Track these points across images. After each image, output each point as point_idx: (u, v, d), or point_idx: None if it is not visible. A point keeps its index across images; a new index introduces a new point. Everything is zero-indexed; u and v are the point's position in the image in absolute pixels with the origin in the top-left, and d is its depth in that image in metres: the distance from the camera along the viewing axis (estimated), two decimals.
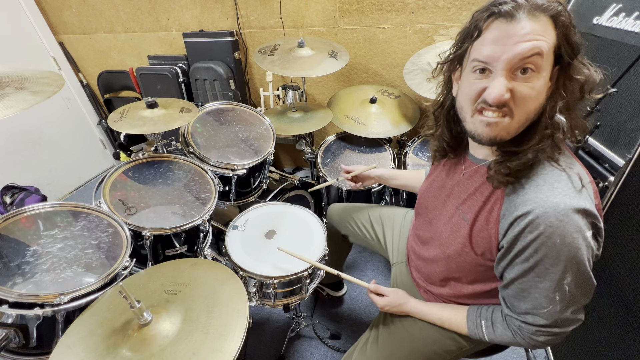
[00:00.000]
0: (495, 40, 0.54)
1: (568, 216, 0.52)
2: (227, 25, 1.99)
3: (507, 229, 0.59)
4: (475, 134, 0.61)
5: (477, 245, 0.67)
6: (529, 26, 0.52)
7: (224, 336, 0.67)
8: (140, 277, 0.85)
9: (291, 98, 1.76)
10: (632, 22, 0.87)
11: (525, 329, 0.63)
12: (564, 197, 0.53)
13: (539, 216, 0.54)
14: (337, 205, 1.28)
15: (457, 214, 0.71)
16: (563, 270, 0.55)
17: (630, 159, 0.77)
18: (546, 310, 0.59)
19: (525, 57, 0.52)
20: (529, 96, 0.55)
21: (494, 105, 0.55)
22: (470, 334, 0.74)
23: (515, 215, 0.57)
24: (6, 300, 0.75)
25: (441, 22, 1.59)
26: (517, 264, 0.59)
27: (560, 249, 0.53)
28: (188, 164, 1.26)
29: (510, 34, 0.53)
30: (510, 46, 0.52)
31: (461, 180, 0.73)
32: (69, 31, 2.39)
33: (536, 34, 0.52)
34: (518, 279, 0.61)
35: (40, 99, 0.85)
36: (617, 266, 0.83)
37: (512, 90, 0.54)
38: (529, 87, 0.54)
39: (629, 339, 0.82)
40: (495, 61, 0.54)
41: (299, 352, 1.37)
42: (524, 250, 0.57)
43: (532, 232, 0.55)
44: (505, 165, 0.59)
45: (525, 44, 0.52)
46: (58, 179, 2.44)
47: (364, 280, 0.91)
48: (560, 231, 0.53)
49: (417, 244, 0.90)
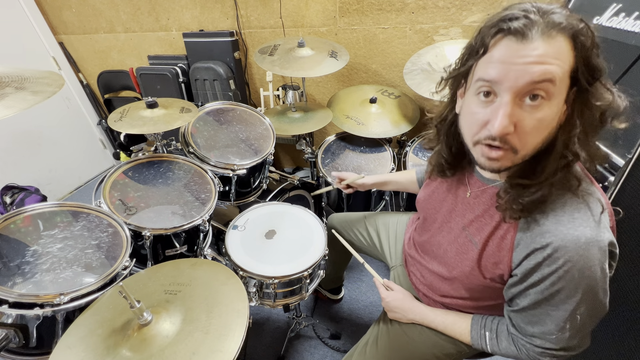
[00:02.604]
0: (503, 59, 0.49)
1: (589, 250, 0.50)
2: (227, 25, 1.99)
3: (523, 259, 0.56)
4: (478, 163, 0.58)
5: (486, 270, 0.64)
6: (541, 47, 0.46)
7: (224, 336, 0.67)
8: (140, 277, 0.85)
9: (291, 98, 1.76)
10: (632, 22, 0.87)
11: (530, 349, 0.62)
12: (585, 229, 0.51)
13: (558, 249, 0.51)
14: (336, 216, 1.28)
15: (464, 235, 0.68)
16: (578, 301, 0.54)
17: (630, 159, 0.77)
18: (554, 337, 0.58)
19: (534, 82, 0.47)
20: (535, 129, 0.50)
21: (498, 138, 0.51)
22: (472, 344, 0.72)
23: (532, 247, 0.54)
24: (6, 300, 0.75)
25: (441, 22, 1.59)
26: (531, 294, 0.57)
27: (578, 282, 0.52)
28: (188, 164, 1.26)
29: (520, 54, 0.47)
30: (519, 68, 0.47)
31: (467, 199, 0.70)
32: (69, 31, 2.39)
33: (549, 57, 0.46)
34: (531, 308, 0.59)
35: (40, 99, 0.85)
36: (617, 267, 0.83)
37: (517, 124, 0.49)
38: (537, 119, 0.49)
39: (628, 338, 0.82)
40: (501, 84, 0.49)
41: (299, 352, 1.37)
42: (540, 282, 0.55)
43: (551, 266, 0.53)
44: (517, 201, 0.55)
45: (536, 68, 0.46)
46: (58, 179, 2.44)
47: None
48: (580, 265, 0.51)
49: (418, 252, 0.89)
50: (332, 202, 1.60)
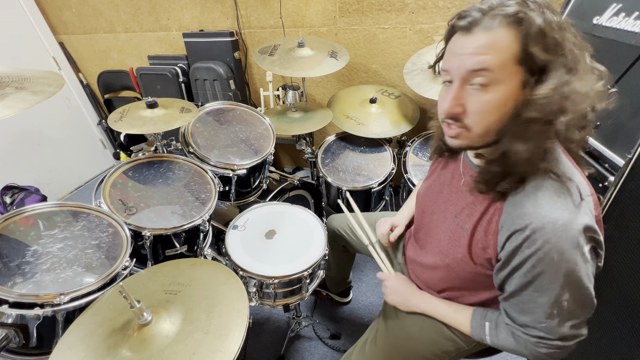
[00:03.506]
0: (452, 51, 0.57)
1: (566, 232, 0.52)
2: (227, 25, 1.99)
3: (505, 241, 0.58)
4: (448, 142, 0.64)
5: (476, 256, 0.66)
6: (480, 40, 0.52)
7: (224, 336, 0.67)
8: (140, 277, 0.85)
9: (291, 98, 1.76)
10: (632, 22, 0.87)
11: (526, 339, 0.63)
12: (563, 212, 0.53)
13: (536, 231, 0.53)
14: (336, 216, 1.28)
15: (456, 222, 0.70)
16: (561, 286, 0.55)
17: (630, 159, 0.77)
18: (544, 325, 0.59)
19: (473, 71, 0.53)
20: (482, 110, 0.55)
21: (447, 118, 0.58)
22: (472, 335, 0.73)
23: (512, 229, 0.56)
24: (6, 300, 0.75)
25: (441, 22, 1.59)
26: (515, 278, 0.59)
27: (558, 264, 0.53)
28: (188, 164, 1.26)
29: (463, 46, 0.54)
30: (460, 58, 0.55)
31: (460, 187, 0.73)
32: (69, 31, 2.39)
33: (485, 48, 0.52)
34: (517, 293, 0.60)
35: (40, 99, 0.85)
36: (617, 266, 0.83)
37: (465, 105, 0.56)
38: (482, 101, 0.54)
39: (628, 338, 0.82)
40: (450, 72, 0.57)
41: (299, 352, 1.37)
42: (521, 264, 0.57)
43: (530, 247, 0.54)
44: (480, 176, 0.61)
45: (471, 59, 0.53)
46: (58, 179, 2.44)
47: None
48: (559, 247, 0.52)
49: (416, 248, 0.89)
50: (332, 202, 1.60)
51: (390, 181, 1.50)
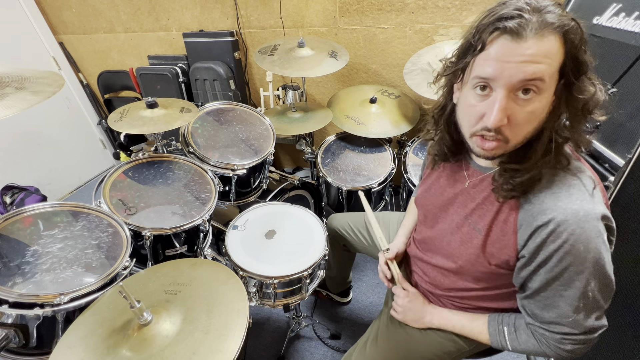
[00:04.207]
0: (498, 57, 0.52)
1: (589, 222, 0.52)
2: (227, 25, 1.99)
3: (528, 239, 0.58)
4: (474, 151, 0.62)
5: (492, 256, 0.65)
6: (534, 47, 0.49)
7: (224, 336, 0.67)
8: (140, 277, 0.85)
9: (291, 98, 1.76)
10: (632, 22, 0.87)
11: (550, 337, 0.62)
12: (582, 202, 0.53)
13: (560, 224, 0.53)
14: (336, 216, 1.28)
15: (467, 224, 0.69)
16: (588, 277, 0.55)
17: (630, 159, 0.77)
18: (571, 319, 0.58)
19: (527, 80, 0.50)
20: (526, 120, 0.54)
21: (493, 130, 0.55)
22: (491, 342, 0.71)
23: (535, 225, 0.56)
24: (6, 300, 0.75)
25: (441, 22, 1.59)
26: (541, 274, 0.58)
27: (585, 256, 0.53)
28: (188, 164, 1.26)
29: (514, 52, 0.50)
30: (513, 66, 0.50)
31: (466, 189, 0.71)
32: (69, 31, 2.39)
33: (540, 56, 0.49)
34: (543, 289, 0.60)
35: (40, 99, 0.85)
36: (617, 266, 0.83)
37: (510, 117, 0.53)
38: (528, 111, 0.53)
39: (628, 337, 0.82)
40: (497, 81, 0.52)
41: (299, 352, 1.37)
42: (548, 260, 0.56)
43: (555, 241, 0.54)
44: (508, 182, 0.59)
45: (529, 67, 0.49)
46: (58, 179, 2.44)
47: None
48: (584, 238, 0.52)
49: (419, 250, 0.88)
50: (332, 202, 1.60)
51: (390, 181, 1.50)
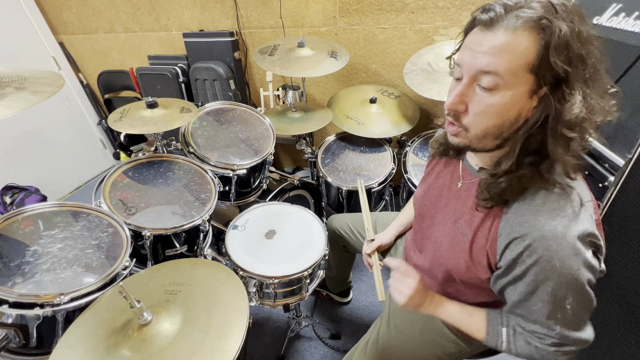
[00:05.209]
0: (468, 46, 0.54)
1: (566, 239, 0.51)
2: (227, 25, 1.98)
3: (504, 249, 0.58)
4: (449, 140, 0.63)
5: (477, 262, 0.65)
6: (499, 39, 0.49)
7: (224, 336, 0.67)
8: (140, 277, 0.85)
9: (291, 98, 1.76)
10: (632, 22, 0.87)
11: (543, 349, 0.61)
12: (562, 219, 0.52)
13: (536, 240, 0.53)
14: (336, 216, 1.28)
15: (455, 227, 0.69)
16: (565, 292, 0.54)
17: (630, 159, 0.77)
18: (556, 332, 0.58)
19: (482, 71, 0.51)
20: (483, 112, 0.53)
21: (450, 113, 0.57)
22: (486, 340, 0.68)
23: (512, 237, 0.56)
24: (6, 300, 0.75)
25: (441, 22, 1.59)
26: (519, 287, 0.58)
27: (560, 272, 0.52)
28: (188, 164, 1.26)
29: (480, 42, 0.51)
30: (474, 55, 0.52)
31: (459, 192, 0.71)
32: (69, 31, 2.39)
33: (500, 50, 0.49)
34: (522, 302, 0.59)
35: (40, 99, 0.85)
36: (617, 266, 0.83)
37: (468, 105, 0.55)
38: (486, 104, 0.52)
39: (628, 338, 0.82)
40: (462, 67, 0.54)
41: (299, 352, 1.37)
42: (524, 274, 0.56)
43: (531, 257, 0.54)
44: (484, 191, 0.60)
45: (483, 58, 0.50)
46: (58, 179, 2.44)
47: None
48: (559, 255, 0.52)
49: (415, 251, 0.88)
50: (332, 202, 1.60)
51: (390, 181, 1.50)
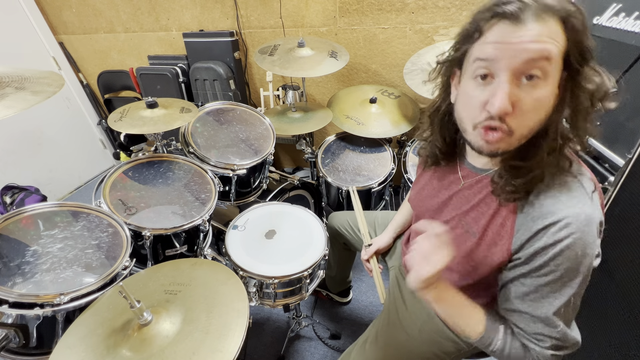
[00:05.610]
0: (498, 40, 0.49)
1: (589, 226, 0.51)
2: (227, 25, 1.99)
3: (525, 242, 0.56)
4: (476, 146, 0.58)
5: (483, 258, 0.63)
6: (536, 28, 0.47)
7: (224, 336, 0.67)
8: (140, 277, 0.85)
9: (291, 98, 1.76)
10: (632, 22, 0.87)
11: (539, 352, 0.58)
12: (584, 206, 0.52)
13: (562, 228, 0.51)
14: (336, 215, 1.28)
15: (460, 226, 0.68)
16: (579, 283, 0.53)
17: (630, 159, 0.77)
18: (558, 330, 0.56)
19: (532, 60, 0.47)
20: (533, 108, 0.50)
21: (497, 117, 0.51)
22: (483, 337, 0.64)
23: (535, 229, 0.54)
24: (6, 300, 0.75)
25: (441, 22, 1.59)
26: (532, 277, 0.56)
27: (580, 261, 0.52)
28: (188, 164, 1.26)
29: (515, 35, 0.48)
30: (515, 47, 0.47)
31: (461, 191, 0.70)
32: (69, 31, 2.39)
33: (545, 36, 0.47)
34: (531, 294, 0.57)
35: (40, 99, 0.85)
36: (617, 266, 0.83)
37: (515, 104, 0.49)
38: (534, 98, 0.49)
39: (628, 337, 0.82)
40: (498, 62, 0.49)
41: (299, 352, 1.37)
42: (545, 264, 0.54)
43: (556, 246, 0.52)
44: (510, 183, 0.56)
45: (533, 45, 0.47)
46: (58, 179, 2.44)
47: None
48: (582, 242, 0.51)
49: None
50: (332, 202, 1.60)
51: (390, 181, 1.50)
